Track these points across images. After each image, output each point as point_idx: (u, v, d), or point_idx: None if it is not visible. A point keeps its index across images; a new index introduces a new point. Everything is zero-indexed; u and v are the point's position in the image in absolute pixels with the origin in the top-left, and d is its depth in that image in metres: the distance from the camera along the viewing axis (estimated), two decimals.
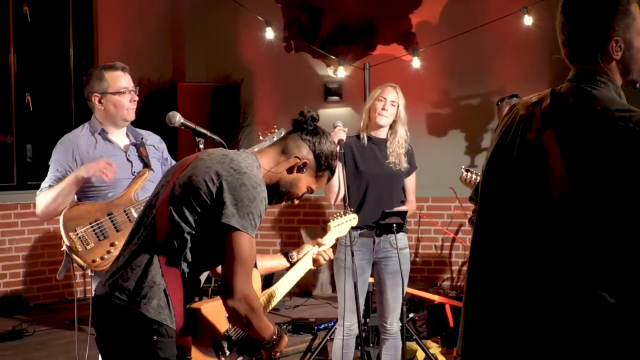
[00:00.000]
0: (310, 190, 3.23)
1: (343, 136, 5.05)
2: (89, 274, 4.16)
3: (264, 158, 3.10)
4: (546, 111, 2.39)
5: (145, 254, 2.90)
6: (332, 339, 5.50)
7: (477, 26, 7.69)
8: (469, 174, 5.79)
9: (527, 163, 2.37)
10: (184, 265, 2.90)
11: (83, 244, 4.05)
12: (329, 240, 3.94)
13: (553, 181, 2.27)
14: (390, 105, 5.15)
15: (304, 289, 8.41)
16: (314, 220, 9.03)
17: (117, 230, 4.09)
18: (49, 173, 4.27)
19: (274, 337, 3.05)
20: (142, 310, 2.82)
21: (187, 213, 2.87)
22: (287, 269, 3.68)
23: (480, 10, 8.22)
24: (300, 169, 3.12)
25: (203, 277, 3.06)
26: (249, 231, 2.84)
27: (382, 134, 5.23)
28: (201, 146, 3.89)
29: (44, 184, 4.25)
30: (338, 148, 4.98)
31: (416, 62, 8.05)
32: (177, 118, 3.89)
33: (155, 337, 2.83)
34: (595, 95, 2.31)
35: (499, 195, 2.47)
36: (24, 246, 8.18)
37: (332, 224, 4.04)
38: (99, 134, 4.30)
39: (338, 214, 4.15)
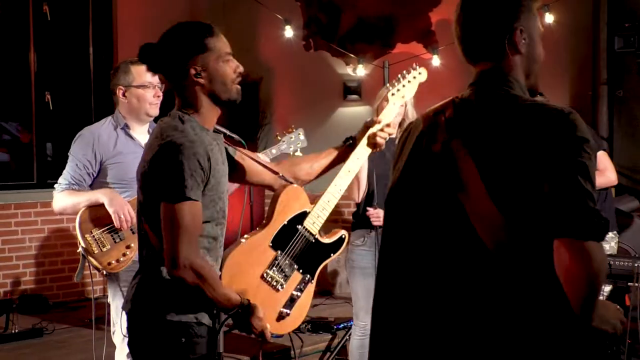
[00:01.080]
0: (227, 57, 2.92)
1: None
2: (105, 273, 4.14)
3: (186, 105, 2.93)
4: (450, 119, 2.31)
5: (150, 260, 2.90)
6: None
7: None
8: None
9: (435, 178, 2.26)
10: None
11: (99, 246, 4.04)
12: (388, 114, 3.57)
13: (467, 199, 2.16)
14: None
15: (323, 288, 8.42)
16: (332, 219, 8.99)
17: (133, 232, 4.06)
18: (67, 167, 4.25)
19: (238, 309, 2.86)
20: (167, 317, 2.81)
21: (154, 211, 2.81)
22: (344, 156, 3.45)
23: None
24: (198, 74, 2.87)
25: (220, 242, 2.99)
26: (188, 194, 2.70)
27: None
28: None
29: (62, 179, 4.23)
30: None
31: (436, 61, 8.01)
32: None
33: (183, 339, 2.82)
34: (503, 95, 2.27)
35: (406, 220, 2.35)
36: (43, 244, 8.22)
37: (390, 92, 3.61)
38: (122, 129, 4.30)
39: (395, 80, 3.66)
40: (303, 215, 3.38)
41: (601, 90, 7.64)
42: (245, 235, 3.30)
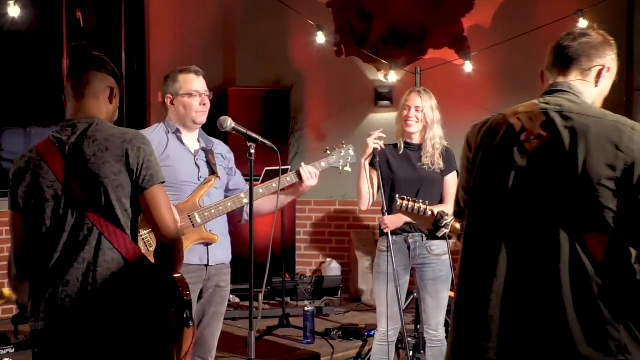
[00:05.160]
0: None
1: (378, 145, 5.01)
2: None
3: (97, 112, 3.19)
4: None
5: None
6: None
7: (530, 30, 7.59)
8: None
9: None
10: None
11: (146, 245, 4.07)
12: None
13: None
14: (415, 111, 5.08)
15: (354, 295, 8.42)
16: (364, 226, 8.99)
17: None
18: None
19: None
20: None
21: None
22: None
23: (534, 13, 8.12)
24: (114, 96, 3.24)
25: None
26: None
27: (416, 139, 5.16)
28: (252, 151, 3.89)
29: None
30: (372, 157, 4.98)
31: (468, 67, 7.98)
32: (229, 123, 3.90)
33: None
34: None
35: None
36: None
37: None
38: (174, 133, 4.34)
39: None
40: None
41: (635, 96, 7.57)
42: None
